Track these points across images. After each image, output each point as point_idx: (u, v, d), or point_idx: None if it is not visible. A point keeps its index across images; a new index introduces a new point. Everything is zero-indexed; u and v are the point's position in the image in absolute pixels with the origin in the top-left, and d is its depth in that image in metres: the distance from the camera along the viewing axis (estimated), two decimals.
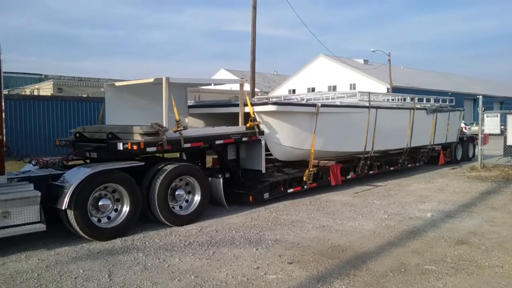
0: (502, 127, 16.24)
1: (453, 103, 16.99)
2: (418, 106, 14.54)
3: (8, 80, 44.25)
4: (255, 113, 9.57)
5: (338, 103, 12.07)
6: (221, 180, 8.89)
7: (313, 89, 46.84)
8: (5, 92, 9.45)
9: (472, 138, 19.28)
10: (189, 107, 11.21)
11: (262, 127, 9.69)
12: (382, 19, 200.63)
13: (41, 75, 49.09)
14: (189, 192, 8.30)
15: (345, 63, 49.55)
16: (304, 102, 12.05)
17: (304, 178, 10.46)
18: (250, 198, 9.29)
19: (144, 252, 6.41)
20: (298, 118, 10.19)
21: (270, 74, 73.47)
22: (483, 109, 15.84)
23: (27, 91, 38.60)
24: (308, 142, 10.29)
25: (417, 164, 15.34)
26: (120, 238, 7.16)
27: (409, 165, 14.79)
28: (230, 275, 5.43)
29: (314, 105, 10.32)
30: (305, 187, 10.57)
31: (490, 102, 52.81)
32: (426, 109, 14.77)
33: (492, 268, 5.54)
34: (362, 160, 12.14)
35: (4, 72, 6.60)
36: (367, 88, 47.06)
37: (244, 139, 9.25)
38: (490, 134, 16.57)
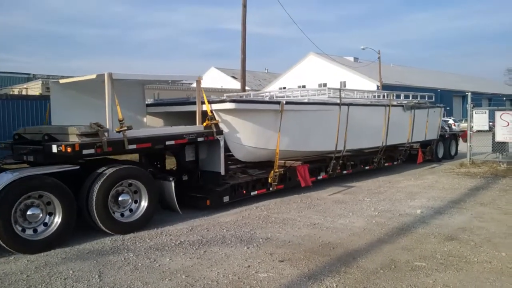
0: (491, 123, 16.39)
1: (433, 99, 16.38)
2: (394, 102, 14.09)
3: None
4: (212, 112, 9.01)
5: (306, 101, 11.33)
6: (173, 183, 8.17)
7: (303, 87, 46.91)
8: None
9: (455, 136, 18.84)
10: (147, 105, 10.60)
11: (222, 126, 9.15)
12: (374, 17, 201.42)
13: (29, 74, 48.62)
14: (135, 198, 7.71)
15: (335, 61, 49.69)
16: (267, 99, 11.46)
17: (269, 180, 9.93)
18: (208, 202, 8.80)
19: (135, 252, 6.38)
20: (261, 117, 9.68)
21: (261, 72, 73.39)
22: (471, 106, 15.96)
23: (15, 90, 38.19)
24: (273, 141, 9.76)
25: (395, 163, 14.91)
26: (110, 238, 7.12)
27: (386, 164, 14.34)
28: (221, 274, 5.42)
29: (278, 103, 9.77)
30: (271, 189, 10.01)
31: (479, 99, 53.33)
32: (403, 106, 14.20)
33: (481, 264, 5.59)
34: (333, 160, 11.61)
35: None
36: (358, 86, 47.45)
37: (200, 139, 8.65)
38: (478, 131, 16.52)
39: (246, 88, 24.06)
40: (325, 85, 50.06)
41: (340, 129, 11.37)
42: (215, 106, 9.10)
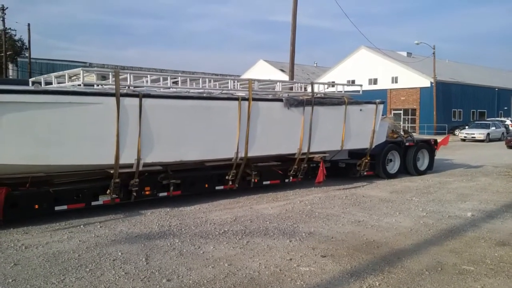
0: None
1: (360, 93, 12.10)
2: (258, 95, 9.95)
3: (53, 67, 45.95)
4: None
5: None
6: None
7: (353, 82, 46.11)
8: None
9: (427, 143, 14.13)
10: None
11: None
12: (429, 10, 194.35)
13: (85, 63, 50.62)
14: None
15: (387, 56, 48.35)
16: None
17: None
18: None
19: (180, 238, 6.55)
20: None
21: (309, 66, 72.88)
22: None
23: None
24: None
25: (267, 182, 10.29)
26: (157, 224, 7.36)
27: (267, 182, 10.28)
28: (263, 265, 5.47)
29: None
30: None
31: None
32: (282, 100, 9.96)
33: None
34: (115, 179, 7.85)
35: (49, 59, 6.72)
36: (410, 82, 46.06)
37: None
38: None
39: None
40: (376, 80, 49.06)
41: (129, 135, 7.82)
42: None
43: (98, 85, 8.66)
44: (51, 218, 7.57)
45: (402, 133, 14.08)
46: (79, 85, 8.03)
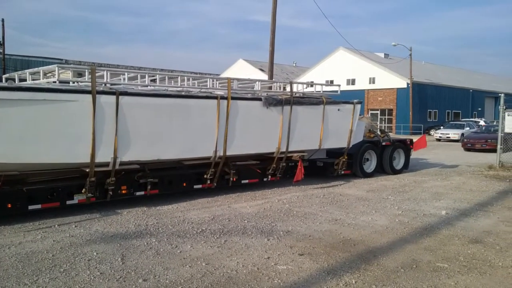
0: None
1: (338, 93, 12.28)
2: (237, 94, 9.91)
3: (28, 64, 44.94)
4: None
5: None
6: None
7: (331, 82, 46.49)
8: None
9: (403, 143, 14.35)
10: None
11: None
12: (406, 13, 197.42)
13: (61, 60, 49.67)
14: None
15: (365, 57, 48.90)
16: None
17: None
18: None
19: (157, 238, 6.49)
20: None
21: (288, 65, 73.15)
22: (504, 107, 15.51)
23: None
24: None
25: (246, 181, 10.34)
26: (134, 223, 7.28)
27: (246, 181, 10.35)
28: (241, 264, 5.46)
29: None
30: None
31: None
32: (261, 99, 9.93)
33: (505, 269, 5.46)
34: (91, 178, 7.75)
35: (24, 56, 6.58)
36: (387, 82, 46.72)
37: None
38: (509, 133, 15.78)
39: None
40: (353, 81, 49.57)
41: (97, 131, 7.57)
42: None
43: (74, 82, 8.50)
44: (24, 217, 7.41)
45: (379, 133, 14.24)
46: (54, 82, 7.87)
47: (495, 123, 32.19)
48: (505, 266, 5.56)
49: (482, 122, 37.53)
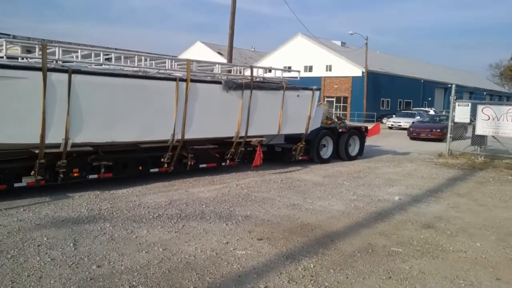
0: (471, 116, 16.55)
1: (298, 79, 12.44)
2: (196, 76, 9.69)
3: None
4: None
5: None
6: None
7: (289, 68, 46.62)
8: None
9: (359, 130, 14.61)
10: None
11: None
12: (365, 2, 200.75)
13: (9, 35, 47.03)
14: None
15: (323, 44, 49.38)
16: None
17: None
18: None
19: (111, 223, 6.28)
20: None
21: (247, 50, 72.75)
22: (455, 98, 16.09)
23: None
24: None
25: (204, 165, 10.21)
26: (86, 208, 7.01)
27: (203, 165, 10.19)
28: (199, 249, 5.38)
29: None
30: None
31: (461, 92, 54.25)
32: (220, 82, 9.77)
33: (456, 253, 5.67)
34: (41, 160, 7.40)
35: None
36: (344, 70, 47.47)
37: None
38: (458, 122, 16.34)
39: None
40: (311, 67, 49.97)
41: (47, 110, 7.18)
42: None
43: (23, 59, 8.01)
44: None
45: (335, 119, 14.46)
46: (2, 57, 7.39)
47: (444, 113, 33.50)
48: (455, 250, 5.77)
49: (431, 112, 38.91)
